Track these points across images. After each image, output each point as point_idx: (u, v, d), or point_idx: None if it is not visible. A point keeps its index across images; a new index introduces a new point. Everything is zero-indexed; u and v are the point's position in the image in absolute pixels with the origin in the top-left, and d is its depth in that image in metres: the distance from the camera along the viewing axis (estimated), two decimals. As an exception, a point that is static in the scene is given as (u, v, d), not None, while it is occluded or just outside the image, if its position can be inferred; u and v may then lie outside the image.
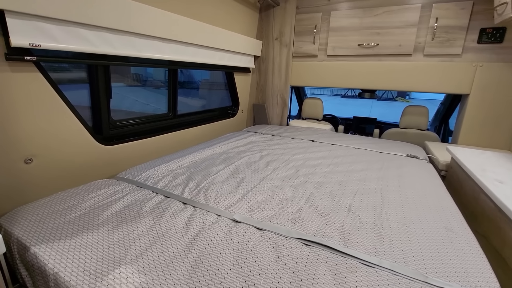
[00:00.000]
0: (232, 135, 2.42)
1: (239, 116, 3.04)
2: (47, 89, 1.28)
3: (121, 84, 2.18)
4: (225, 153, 1.87)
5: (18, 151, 1.24)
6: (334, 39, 2.69)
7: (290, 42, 2.85)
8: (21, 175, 1.27)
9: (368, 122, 3.78)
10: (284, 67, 2.94)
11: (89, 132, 1.51)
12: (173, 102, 2.18)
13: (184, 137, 2.23)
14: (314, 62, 2.86)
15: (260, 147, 2.06)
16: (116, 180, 1.38)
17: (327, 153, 1.94)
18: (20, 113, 1.21)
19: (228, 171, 1.53)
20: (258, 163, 1.68)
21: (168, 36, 1.75)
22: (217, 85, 3.13)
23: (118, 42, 1.47)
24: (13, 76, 1.15)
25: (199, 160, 1.71)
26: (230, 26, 2.41)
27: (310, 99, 3.12)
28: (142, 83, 2.45)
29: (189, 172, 1.48)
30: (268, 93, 3.07)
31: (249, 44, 2.70)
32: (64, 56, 1.33)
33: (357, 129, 3.78)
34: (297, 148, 2.07)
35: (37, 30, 1.14)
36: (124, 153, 1.73)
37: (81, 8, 1.25)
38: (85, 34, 1.31)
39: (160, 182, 1.35)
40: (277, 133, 2.55)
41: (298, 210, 1.10)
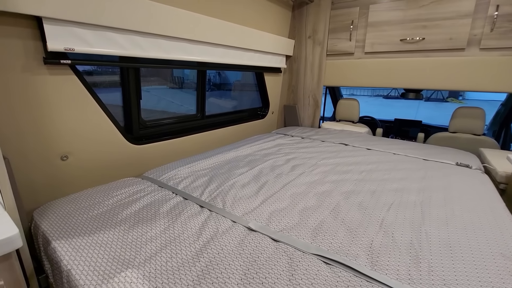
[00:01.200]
0: (260, 137, 2.36)
1: (269, 117, 2.98)
2: (82, 90, 1.36)
3: (164, 87, 2.34)
4: (250, 156, 1.81)
5: (55, 148, 1.33)
6: (373, 34, 2.49)
7: (324, 40, 2.71)
8: (58, 171, 1.36)
9: (412, 125, 3.44)
10: (317, 67, 2.80)
11: (120, 131, 1.57)
12: (201, 102, 2.19)
13: (211, 138, 2.24)
14: (350, 60, 2.68)
15: (288, 150, 1.97)
16: (141, 179, 1.41)
17: (360, 159, 1.78)
18: (57, 113, 1.29)
19: (251, 174, 1.47)
20: (283, 167, 1.59)
21: (196, 37, 1.76)
22: (249, 86, 3.11)
23: (147, 45, 1.51)
24: (50, 78, 1.23)
25: (223, 162, 1.68)
26: (261, 25, 2.36)
27: (345, 99, 2.93)
28: (182, 85, 2.54)
29: (211, 174, 1.46)
30: (300, 93, 2.96)
31: (280, 43, 2.63)
32: (97, 60, 1.39)
33: (399, 133, 3.47)
34: (327, 152, 1.94)
35: (71, 35, 1.20)
36: (153, 153, 1.78)
37: (111, 13, 1.29)
38: (116, 38, 1.36)
39: (181, 183, 1.34)
40: (307, 136, 2.43)
41: (320, 222, 1.00)
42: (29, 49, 1.15)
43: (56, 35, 1.16)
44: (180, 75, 2.52)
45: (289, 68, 2.98)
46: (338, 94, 3.89)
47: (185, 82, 2.60)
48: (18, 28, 1.10)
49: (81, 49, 1.25)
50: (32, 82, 1.18)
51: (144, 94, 2.24)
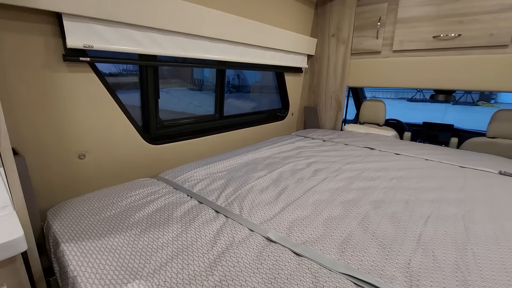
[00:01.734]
0: (279, 139, 2.27)
1: (288, 119, 2.88)
2: (100, 88, 1.34)
3: (185, 88, 2.32)
4: (270, 158, 1.73)
5: (73, 146, 1.31)
6: (402, 31, 2.33)
7: (348, 38, 2.57)
8: (75, 169, 1.35)
9: (442, 129, 3.20)
10: (341, 66, 2.67)
11: (138, 131, 1.55)
12: (220, 103, 2.14)
13: (229, 139, 2.17)
14: (377, 59, 2.53)
15: (309, 153, 1.86)
16: (156, 180, 1.37)
17: (389, 164, 1.64)
18: (76, 111, 1.28)
19: (270, 178, 1.38)
20: (304, 171, 1.49)
21: (216, 35, 1.71)
22: (268, 88, 3.03)
23: (166, 42, 1.47)
24: (69, 76, 1.22)
25: (241, 164, 1.61)
26: (283, 23, 2.27)
27: (370, 101, 2.77)
28: (202, 87, 2.53)
29: (228, 177, 1.39)
30: (322, 94, 2.84)
31: (302, 42, 2.53)
32: (115, 57, 1.37)
33: (428, 137, 3.24)
34: (352, 156, 1.81)
35: (90, 32, 1.18)
36: (170, 153, 1.74)
37: (131, 9, 1.27)
38: (135, 35, 1.34)
39: (197, 185, 1.28)
40: (329, 139, 2.31)
41: (348, 235, 0.90)
42: (49, 46, 1.14)
43: (75, 32, 1.14)
44: (199, 77, 2.52)
45: (311, 68, 2.87)
46: (362, 96, 3.71)
47: (204, 84, 2.59)
48: (38, 25, 1.09)
49: (99, 46, 1.22)
50: (51, 79, 1.17)
51: (164, 95, 2.28)
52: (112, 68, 1.59)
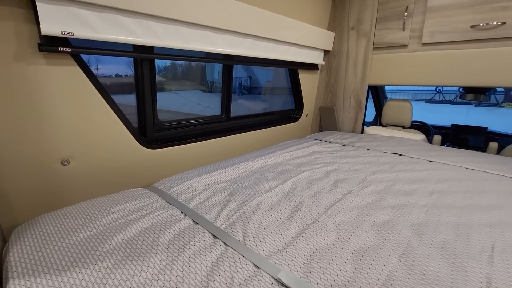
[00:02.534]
0: (293, 142, 2.04)
1: (302, 120, 2.64)
2: (86, 84, 1.16)
3: (198, 91, 2.35)
4: (281, 165, 1.50)
5: (55, 151, 1.14)
6: (434, 21, 2.05)
7: (370, 31, 2.32)
8: (57, 177, 1.17)
9: (473, 132, 2.87)
10: (361, 62, 2.41)
11: (132, 133, 1.36)
12: (227, 102, 1.94)
13: (237, 143, 1.97)
14: (403, 53, 2.25)
15: (326, 160, 1.62)
16: (149, 191, 1.17)
17: (424, 174, 1.37)
18: (57, 111, 1.11)
19: (282, 190, 1.16)
20: (322, 182, 1.26)
21: (221, 25, 1.51)
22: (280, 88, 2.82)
23: (163, 32, 1.28)
24: (48, 69, 1.05)
25: (249, 172, 1.39)
26: (297, 15, 2.05)
27: (394, 101, 2.49)
28: (213, 89, 2.43)
29: (233, 188, 1.18)
30: (339, 94, 2.59)
31: (318, 35, 2.29)
32: (104, 48, 1.19)
33: (457, 141, 2.92)
34: (378, 163, 1.56)
35: (70, 17, 1.01)
36: (169, 158, 1.55)
37: (120, -9, 1.08)
38: (126, 22, 1.15)
39: (194, 198, 1.07)
40: (349, 143, 2.05)
41: (388, 277, 0.66)
42: (21, 33, 0.97)
43: (52, 16, 0.97)
44: (211, 79, 2.46)
45: (328, 65, 2.63)
46: (382, 95, 3.42)
47: (215, 85, 2.45)
48: (8, 8, 0.92)
49: (82, 34, 1.05)
50: (26, 73, 1.00)
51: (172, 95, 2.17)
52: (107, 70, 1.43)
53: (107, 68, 1.44)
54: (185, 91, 2.27)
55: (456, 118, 9.85)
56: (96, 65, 1.41)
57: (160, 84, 1.93)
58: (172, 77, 2.14)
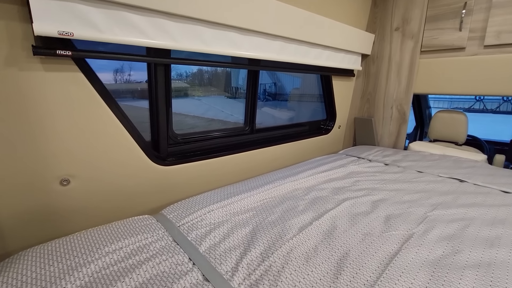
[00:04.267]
0: (325, 159, 1.77)
1: (334, 132, 2.36)
2: (90, 93, 1.00)
3: (222, 96, 2.29)
4: (314, 190, 1.25)
5: (53, 169, 0.99)
6: (501, 19, 1.70)
7: (419, 31, 2.00)
8: (55, 199, 1.02)
9: None
10: (407, 68, 2.09)
11: (142, 148, 1.19)
12: (251, 113, 1.72)
13: (261, 158, 1.74)
14: (459, 57, 1.91)
15: (369, 184, 1.34)
16: (155, 221, 0.97)
17: (503, 212, 1.05)
18: (56, 123, 0.95)
19: (318, 229, 0.91)
20: (370, 219, 0.99)
21: (247, 25, 1.30)
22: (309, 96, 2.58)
23: (179, 32, 1.10)
24: (45, 76, 0.89)
25: (275, 198, 1.16)
26: (332, 13, 1.80)
27: (445, 112, 2.13)
28: (237, 95, 2.34)
29: (255, 223, 0.95)
30: (379, 103, 2.27)
31: (356, 38, 2.02)
32: (111, 52, 1.02)
33: None
34: (436, 193, 1.25)
35: (69, 14, 0.85)
36: (184, 176, 1.36)
37: (130, -17, 0.91)
38: (135, 20, 0.98)
39: (207, 237, 0.86)
40: (393, 161, 1.75)
41: None
42: (14, 34, 0.82)
43: (48, 13, 0.81)
44: (236, 85, 2.38)
45: (365, 71, 2.33)
46: (425, 105, 3.04)
47: (239, 92, 2.32)
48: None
49: (84, 35, 0.89)
50: (20, 80, 0.86)
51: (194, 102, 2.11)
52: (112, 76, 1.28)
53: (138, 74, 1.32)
54: (209, 97, 2.26)
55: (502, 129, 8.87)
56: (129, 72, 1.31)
57: (185, 90, 1.93)
58: (198, 83, 2.15)
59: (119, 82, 1.32)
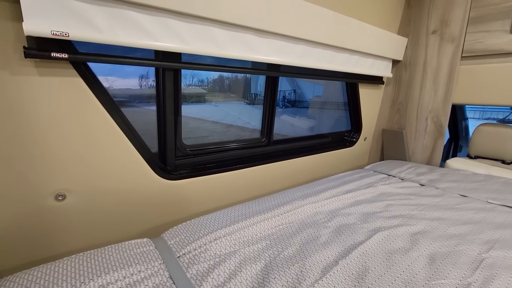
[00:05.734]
0: (350, 176, 1.58)
1: (360, 145, 2.15)
2: (90, 100, 0.91)
3: (242, 103, 2.27)
4: (339, 215, 1.08)
5: (47, 183, 0.90)
6: None
7: (460, 34, 1.78)
8: (49, 216, 0.92)
9: None
10: (445, 75, 1.86)
11: (146, 160, 1.08)
12: (268, 124, 1.58)
13: (278, 173, 1.58)
14: (509, 63, 1.66)
15: (404, 210, 1.15)
16: (153, 248, 0.85)
17: None
18: (51, 133, 0.86)
19: (346, 271, 0.74)
20: (410, 259, 0.80)
21: (267, 26, 1.17)
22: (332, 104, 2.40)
23: (190, 34, 0.99)
24: (39, 80, 0.81)
25: (293, 224, 1.00)
26: (360, 14, 1.63)
27: (490, 125, 1.87)
28: (257, 101, 2.24)
29: (269, 257, 0.79)
30: (411, 114, 2.05)
31: (387, 42, 1.83)
32: (114, 55, 0.92)
33: None
34: (489, 225, 1.03)
35: (64, 11, 0.75)
36: (192, 191, 1.24)
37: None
38: (139, 20, 0.88)
39: (209, 276, 0.71)
40: (429, 181, 1.52)
41: None
42: (5, 35, 0.74)
43: (40, 11, 0.72)
44: (255, 92, 2.33)
45: (396, 78, 2.12)
46: (462, 116, 2.75)
47: (258, 98, 2.22)
48: (-15, 0, 0.70)
49: (81, 35, 0.79)
50: (11, 85, 0.77)
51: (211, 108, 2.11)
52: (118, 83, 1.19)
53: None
54: (227, 103, 2.26)
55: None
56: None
57: (203, 96, 1.93)
58: (219, 89, 2.15)
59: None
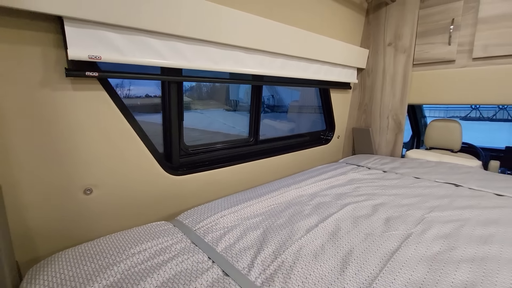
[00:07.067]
0: (326, 168, 1.85)
1: (334, 142, 2.45)
2: (112, 109, 1.10)
3: (221, 109, 2.34)
4: (318, 196, 1.33)
5: (77, 180, 1.07)
6: (487, 34, 1.83)
7: (410, 46, 2.14)
8: (79, 208, 1.09)
9: None
10: (401, 80, 2.22)
11: (157, 159, 1.28)
12: (255, 125, 1.82)
13: (266, 167, 1.82)
14: (449, 69, 2.04)
15: (369, 190, 1.42)
16: (172, 226, 1.05)
17: (496, 214, 1.13)
18: (82, 137, 1.04)
19: (324, 230, 0.98)
20: (371, 221, 1.06)
21: (252, 45, 1.42)
22: (308, 107, 2.69)
23: (192, 53, 1.21)
24: (74, 95, 0.99)
25: (282, 204, 1.23)
26: (328, 32, 1.94)
27: (440, 121, 2.24)
28: (236, 108, 2.43)
29: (265, 226, 1.02)
30: (375, 114, 2.38)
31: (351, 53, 2.15)
32: (131, 72, 1.13)
33: None
34: (432, 197, 1.33)
35: (98, 40, 0.96)
36: (195, 185, 1.44)
37: (149, 13, 1.03)
38: (154, 44, 1.09)
39: (223, 239, 0.93)
40: (391, 169, 1.83)
41: None
42: (48, 58, 0.92)
43: (80, 40, 0.92)
44: (235, 98, 2.48)
45: (361, 83, 2.46)
46: (420, 115, 3.15)
47: (239, 104, 2.42)
48: (36, 33, 0.88)
49: (110, 58, 0.99)
50: (52, 99, 0.95)
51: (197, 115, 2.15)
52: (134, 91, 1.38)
53: (137, 89, 1.42)
54: (209, 111, 2.30)
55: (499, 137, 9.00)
56: (128, 87, 1.39)
57: (186, 104, 2.00)
58: (197, 97, 2.20)
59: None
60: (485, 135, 8.94)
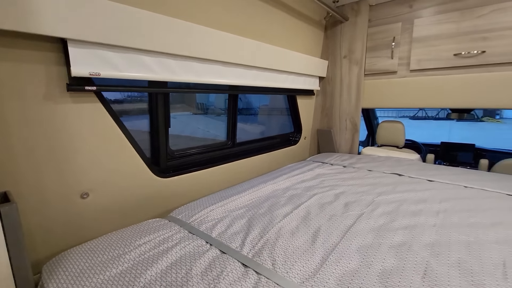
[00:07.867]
0: (296, 165, 2.11)
1: (301, 143, 2.73)
2: (107, 119, 1.21)
3: (188, 113, 2.31)
4: (291, 189, 1.56)
5: (75, 185, 1.16)
6: (420, 51, 2.24)
7: (361, 59, 2.50)
8: (77, 211, 1.18)
9: (461, 149, 3.04)
10: (355, 87, 2.57)
11: (147, 164, 1.40)
12: (232, 129, 2.01)
13: (243, 168, 2.02)
14: (393, 79, 2.43)
15: (332, 182, 1.69)
16: (168, 221, 1.19)
17: (427, 194, 1.46)
18: (79, 145, 1.14)
19: (297, 215, 1.21)
20: (333, 205, 1.32)
21: (229, 59, 1.61)
22: (277, 110, 2.93)
23: (179, 68, 1.37)
24: (73, 107, 1.09)
25: (261, 197, 1.44)
26: (293, 46, 2.20)
27: (388, 122, 2.63)
28: (205, 111, 2.50)
29: (250, 215, 1.22)
30: (335, 117, 2.72)
31: (313, 64, 2.45)
32: (124, 85, 1.25)
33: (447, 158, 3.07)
34: (381, 184, 1.64)
35: (97, 58, 1.07)
36: (181, 186, 1.58)
37: (143, 34, 1.17)
38: (146, 61, 1.23)
39: (215, 227, 1.11)
40: (349, 164, 2.14)
41: (417, 297, 0.71)
42: (51, 75, 1.02)
43: (81, 59, 1.03)
44: (203, 101, 2.51)
45: (323, 90, 2.78)
46: (373, 116, 3.60)
47: (209, 108, 2.53)
48: (41, 53, 0.98)
49: (107, 74, 1.11)
50: (54, 112, 1.05)
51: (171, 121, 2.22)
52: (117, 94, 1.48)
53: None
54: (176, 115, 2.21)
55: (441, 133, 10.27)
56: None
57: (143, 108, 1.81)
58: None
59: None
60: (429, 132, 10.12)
